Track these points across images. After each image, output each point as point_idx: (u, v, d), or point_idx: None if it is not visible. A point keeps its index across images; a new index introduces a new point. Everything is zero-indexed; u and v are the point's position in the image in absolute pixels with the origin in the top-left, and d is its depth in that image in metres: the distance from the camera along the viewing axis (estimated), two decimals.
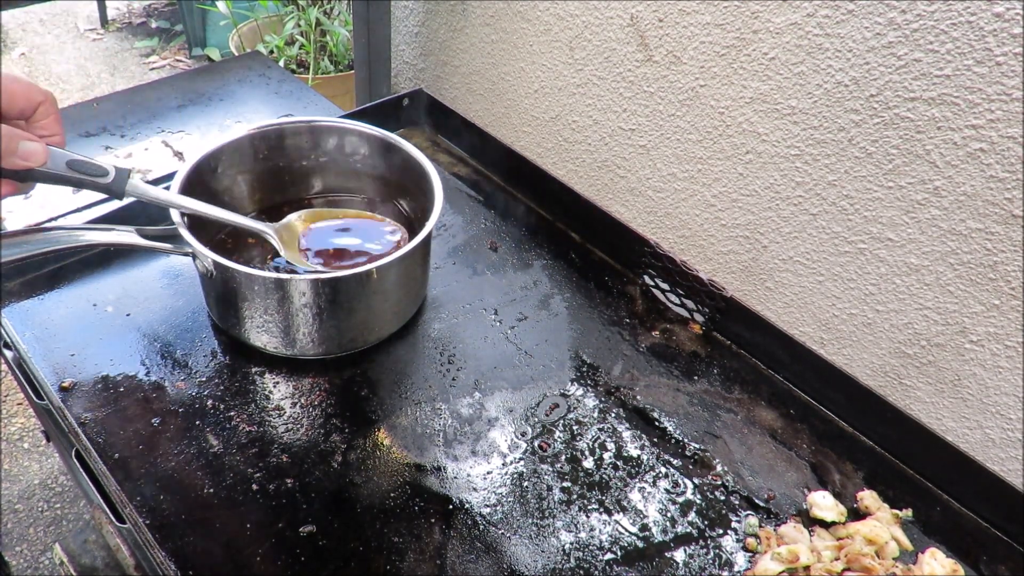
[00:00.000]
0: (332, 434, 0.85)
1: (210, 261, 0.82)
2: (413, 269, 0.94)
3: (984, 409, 0.91)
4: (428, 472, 0.83)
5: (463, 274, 1.08)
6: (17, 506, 1.80)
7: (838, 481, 0.89)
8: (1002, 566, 0.84)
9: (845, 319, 0.99)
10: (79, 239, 0.83)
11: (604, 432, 0.90)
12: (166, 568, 0.72)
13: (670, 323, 1.06)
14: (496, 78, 1.29)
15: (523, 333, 1.00)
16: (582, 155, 1.22)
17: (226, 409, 0.85)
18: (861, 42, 0.82)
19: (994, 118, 0.76)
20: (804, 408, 0.97)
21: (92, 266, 0.99)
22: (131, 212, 1.01)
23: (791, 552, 0.77)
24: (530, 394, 0.93)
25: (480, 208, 1.20)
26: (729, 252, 1.09)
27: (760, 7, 0.89)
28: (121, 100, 1.34)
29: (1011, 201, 0.78)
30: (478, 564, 0.76)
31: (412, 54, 1.44)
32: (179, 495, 0.77)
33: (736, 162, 1.01)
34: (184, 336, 0.93)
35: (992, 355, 0.88)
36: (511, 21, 1.20)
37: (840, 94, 0.86)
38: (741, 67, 0.94)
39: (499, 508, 0.81)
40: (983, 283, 0.84)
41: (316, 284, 0.84)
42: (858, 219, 0.92)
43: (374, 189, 1.09)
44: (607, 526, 0.81)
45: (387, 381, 0.92)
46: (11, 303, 0.94)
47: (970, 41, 0.75)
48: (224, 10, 2.89)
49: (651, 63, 1.04)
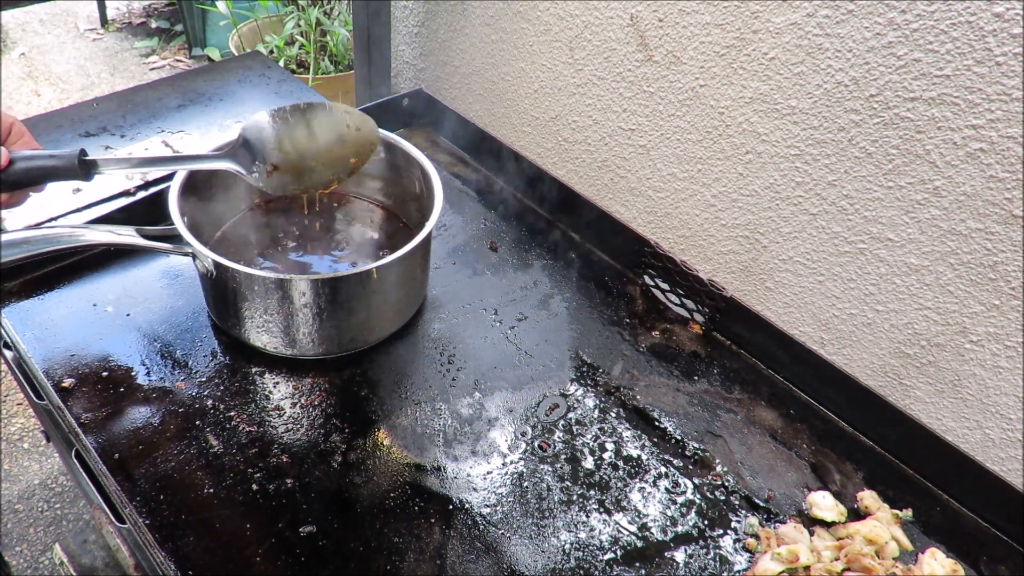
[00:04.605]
0: (332, 434, 0.85)
1: (210, 261, 0.82)
2: (413, 269, 0.94)
3: (984, 409, 0.91)
4: (428, 472, 0.83)
5: (463, 274, 1.08)
6: (17, 506, 1.80)
7: (838, 481, 0.89)
8: (1002, 566, 0.84)
9: (845, 319, 0.99)
10: (79, 239, 0.83)
11: (604, 432, 0.90)
12: (166, 568, 0.72)
13: (670, 323, 1.06)
14: (496, 78, 1.29)
15: (523, 333, 1.00)
16: (582, 155, 1.22)
17: (226, 409, 0.85)
18: (861, 42, 0.82)
19: (994, 118, 0.76)
20: (804, 408, 0.97)
21: (92, 266, 0.99)
22: (131, 212, 1.01)
23: (791, 552, 0.77)
24: (530, 394, 0.93)
25: (480, 208, 1.20)
26: (729, 252, 1.09)
27: (760, 7, 0.89)
28: (121, 100, 1.34)
29: (1011, 201, 0.78)
30: (478, 564, 0.76)
31: (412, 54, 1.44)
32: (179, 495, 0.77)
33: (736, 162, 1.01)
34: (184, 336, 0.93)
35: (992, 355, 0.87)
36: (511, 21, 1.20)
37: (840, 94, 0.86)
38: (741, 67, 0.94)
39: (499, 508, 0.81)
40: (983, 283, 0.84)
41: (316, 284, 0.84)
42: (858, 219, 0.92)
43: (374, 189, 1.09)
44: (607, 526, 0.81)
45: (387, 381, 0.92)
46: (11, 303, 0.94)
47: (970, 41, 0.75)
48: (224, 10, 2.89)
49: (651, 63, 1.04)
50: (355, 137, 0.90)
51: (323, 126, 0.89)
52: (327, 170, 0.89)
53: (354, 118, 0.90)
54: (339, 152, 0.90)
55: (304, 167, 0.88)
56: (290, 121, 0.88)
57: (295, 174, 0.88)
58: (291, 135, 0.88)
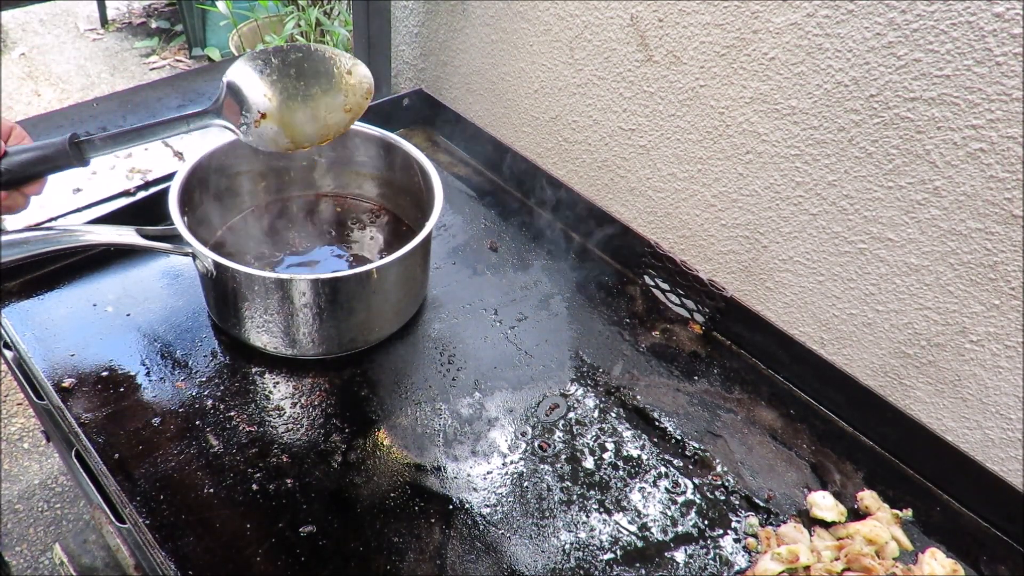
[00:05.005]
0: (332, 434, 0.85)
1: (210, 261, 0.82)
2: (413, 269, 0.94)
3: (984, 409, 0.91)
4: (428, 472, 0.83)
5: (463, 274, 1.08)
6: (17, 506, 1.80)
7: (838, 481, 0.89)
8: (1002, 566, 0.84)
9: (845, 319, 0.99)
10: (79, 239, 0.83)
11: (604, 432, 0.90)
12: (166, 568, 0.72)
13: (670, 323, 1.06)
14: (496, 78, 1.29)
15: (523, 333, 1.00)
16: (582, 155, 1.22)
17: (226, 409, 0.85)
18: (861, 42, 0.82)
19: (994, 118, 0.76)
20: (804, 408, 0.97)
21: (92, 266, 0.99)
22: (131, 212, 1.01)
23: (791, 552, 0.77)
24: (530, 394, 0.93)
25: (480, 208, 1.20)
26: (729, 252, 1.09)
27: (760, 7, 0.89)
28: (121, 100, 1.34)
29: (1011, 201, 0.78)
30: (478, 564, 0.76)
31: (412, 54, 1.44)
32: (179, 495, 0.77)
33: (736, 162, 1.01)
34: (184, 336, 0.93)
35: (992, 355, 0.87)
36: (511, 21, 1.20)
37: (840, 94, 0.86)
38: (741, 67, 0.94)
39: (499, 508, 0.81)
40: (983, 283, 0.84)
41: (316, 284, 0.83)
42: (858, 219, 0.92)
43: (374, 189, 1.09)
44: (607, 526, 0.81)
45: (387, 381, 0.92)
46: (11, 303, 0.94)
47: (970, 41, 0.75)
48: (224, 10, 2.89)
49: (651, 63, 1.04)
50: (346, 81, 0.85)
51: (310, 69, 0.84)
52: (319, 118, 0.84)
53: (344, 61, 0.85)
54: (330, 97, 0.85)
55: (293, 114, 0.84)
56: (273, 63, 0.83)
57: (285, 123, 0.84)
58: (276, 78, 0.83)
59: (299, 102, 0.84)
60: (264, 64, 0.83)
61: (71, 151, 0.76)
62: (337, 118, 0.85)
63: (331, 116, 0.85)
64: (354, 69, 0.86)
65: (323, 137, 0.85)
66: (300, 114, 0.84)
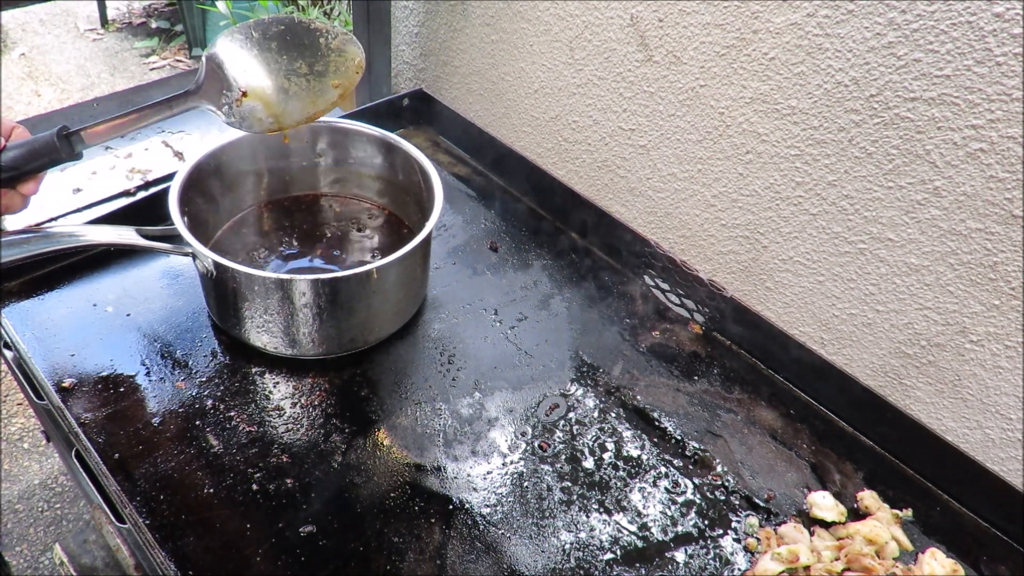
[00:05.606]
0: (332, 434, 0.85)
1: (210, 261, 0.82)
2: (413, 269, 0.94)
3: (984, 409, 0.91)
4: (428, 472, 0.83)
5: (463, 274, 1.08)
6: (17, 506, 1.80)
7: (838, 481, 0.89)
8: (1002, 566, 0.84)
9: (845, 319, 0.99)
10: (79, 239, 0.83)
11: (604, 432, 0.90)
12: (166, 568, 0.72)
13: (670, 323, 1.06)
14: (496, 78, 1.29)
15: (523, 333, 1.00)
16: (582, 155, 1.22)
17: (226, 409, 0.85)
18: (861, 42, 0.82)
19: (994, 118, 0.76)
20: (804, 408, 0.97)
21: (92, 266, 0.99)
22: (131, 212, 1.01)
23: (791, 552, 0.77)
24: (530, 394, 0.93)
25: (480, 208, 1.20)
26: (729, 252, 1.09)
27: (760, 7, 0.89)
28: (121, 100, 1.34)
29: (1011, 201, 0.78)
30: (478, 564, 0.76)
31: (412, 54, 1.44)
32: (179, 495, 0.77)
33: (736, 162, 1.01)
34: (184, 336, 0.93)
35: (992, 355, 0.87)
36: (511, 21, 1.20)
37: (840, 94, 0.86)
38: (741, 67, 0.94)
39: (499, 508, 0.81)
40: (983, 283, 0.84)
41: (316, 284, 0.84)
42: (858, 219, 0.92)
43: (374, 189, 1.09)
44: (607, 526, 0.81)
45: (387, 381, 0.92)
46: (11, 303, 0.94)
47: (970, 41, 0.75)
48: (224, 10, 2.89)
49: (651, 63, 1.04)
50: (335, 58, 0.80)
51: (293, 42, 0.79)
52: (305, 97, 0.79)
53: (335, 37, 0.80)
54: (317, 75, 0.80)
55: (277, 92, 0.79)
56: (254, 36, 0.78)
57: (268, 102, 0.79)
58: (256, 52, 0.78)
59: (282, 77, 0.79)
60: (244, 39, 0.79)
61: (60, 144, 0.76)
62: (325, 94, 0.81)
63: (317, 94, 0.81)
64: (345, 47, 0.81)
65: (310, 116, 0.81)
66: (284, 91, 0.79)
